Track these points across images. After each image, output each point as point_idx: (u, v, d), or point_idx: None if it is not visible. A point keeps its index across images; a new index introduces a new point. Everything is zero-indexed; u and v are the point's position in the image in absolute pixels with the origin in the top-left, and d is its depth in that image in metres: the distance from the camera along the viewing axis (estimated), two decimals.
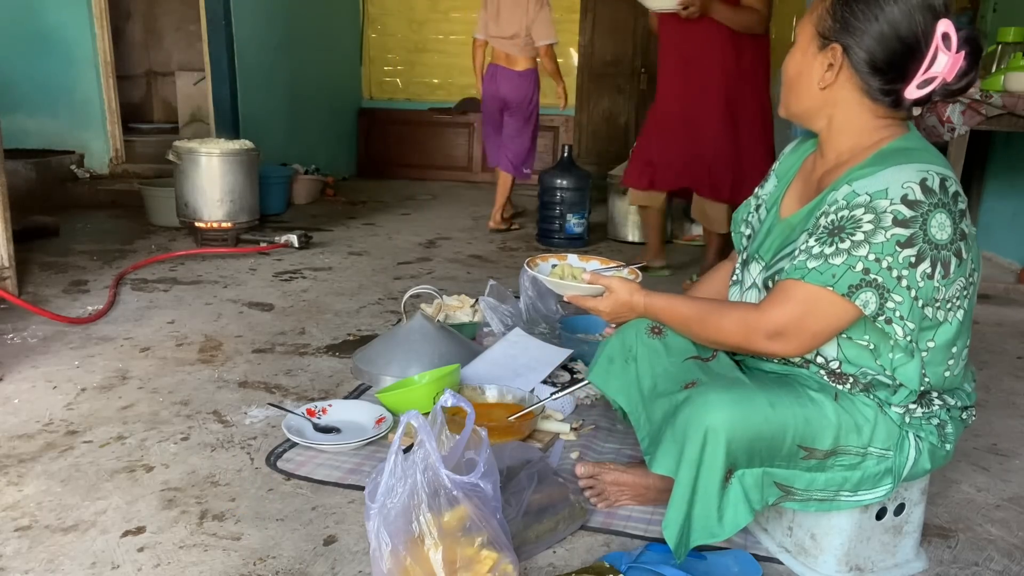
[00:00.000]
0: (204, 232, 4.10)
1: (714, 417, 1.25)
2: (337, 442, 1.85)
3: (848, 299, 1.22)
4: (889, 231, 1.19)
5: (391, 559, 1.20)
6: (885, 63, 1.26)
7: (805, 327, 1.27)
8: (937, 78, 1.24)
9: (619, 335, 1.56)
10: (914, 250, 1.19)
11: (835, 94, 1.32)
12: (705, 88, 3.40)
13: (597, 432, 2.00)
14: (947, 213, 1.20)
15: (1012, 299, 3.43)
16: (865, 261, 1.20)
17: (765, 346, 1.31)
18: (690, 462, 1.27)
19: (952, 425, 1.36)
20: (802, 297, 1.26)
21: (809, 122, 1.39)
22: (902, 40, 1.24)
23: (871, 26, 1.25)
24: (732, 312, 1.36)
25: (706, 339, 1.42)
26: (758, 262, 1.46)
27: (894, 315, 1.22)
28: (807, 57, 1.34)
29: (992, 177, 4.37)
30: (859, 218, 1.21)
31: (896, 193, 1.19)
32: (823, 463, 1.31)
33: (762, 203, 1.56)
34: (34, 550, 1.44)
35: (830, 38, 1.29)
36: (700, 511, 1.28)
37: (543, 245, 4.59)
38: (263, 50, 5.74)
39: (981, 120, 2.95)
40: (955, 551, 1.53)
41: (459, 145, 7.75)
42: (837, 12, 1.28)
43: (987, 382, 2.47)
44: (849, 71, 1.29)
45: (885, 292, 1.21)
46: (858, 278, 1.21)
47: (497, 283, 2.74)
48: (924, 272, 1.20)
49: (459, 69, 7.77)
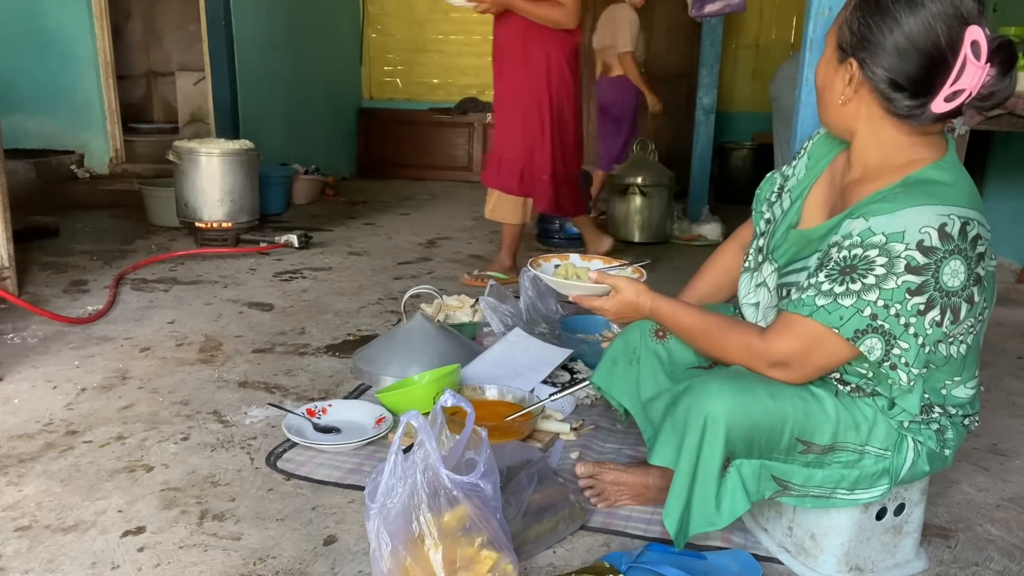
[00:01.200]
0: (204, 232, 4.10)
1: (714, 405, 1.25)
2: (337, 442, 1.85)
3: (853, 343, 1.20)
4: (900, 277, 1.15)
5: (391, 559, 1.20)
6: (906, 79, 1.18)
7: (809, 362, 1.26)
8: (965, 91, 1.15)
9: (623, 336, 1.56)
10: (924, 297, 1.16)
11: (856, 110, 1.26)
12: (509, 83, 3.46)
13: (597, 432, 2.00)
14: (962, 259, 1.16)
15: (1012, 299, 3.43)
16: (874, 307, 1.17)
17: (766, 372, 1.31)
18: (690, 450, 1.28)
19: (953, 431, 1.35)
20: (808, 334, 1.24)
21: (837, 134, 1.35)
22: (923, 53, 1.15)
23: (887, 39, 1.17)
24: (736, 334, 1.35)
25: (707, 354, 1.43)
26: (771, 263, 1.44)
27: (899, 361, 1.21)
28: (829, 69, 1.28)
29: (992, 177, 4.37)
30: (872, 259, 1.17)
31: (912, 238, 1.14)
32: (821, 459, 1.31)
33: (788, 188, 1.48)
34: (34, 550, 1.44)
35: (847, 52, 1.23)
36: (699, 499, 1.29)
37: (543, 245, 4.59)
38: (263, 50, 5.74)
39: (981, 120, 2.95)
40: (955, 551, 1.53)
41: (459, 145, 7.75)
42: (854, 24, 1.21)
43: (987, 382, 2.46)
44: (868, 87, 1.22)
45: (892, 339, 1.19)
46: (865, 323, 1.18)
47: (497, 283, 2.75)
48: (933, 320, 1.18)
49: (459, 69, 7.77)
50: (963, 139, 3.03)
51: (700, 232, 4.82)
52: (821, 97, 1.33)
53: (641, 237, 4.72)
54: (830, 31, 1.29)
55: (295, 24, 6.25)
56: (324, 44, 6.92)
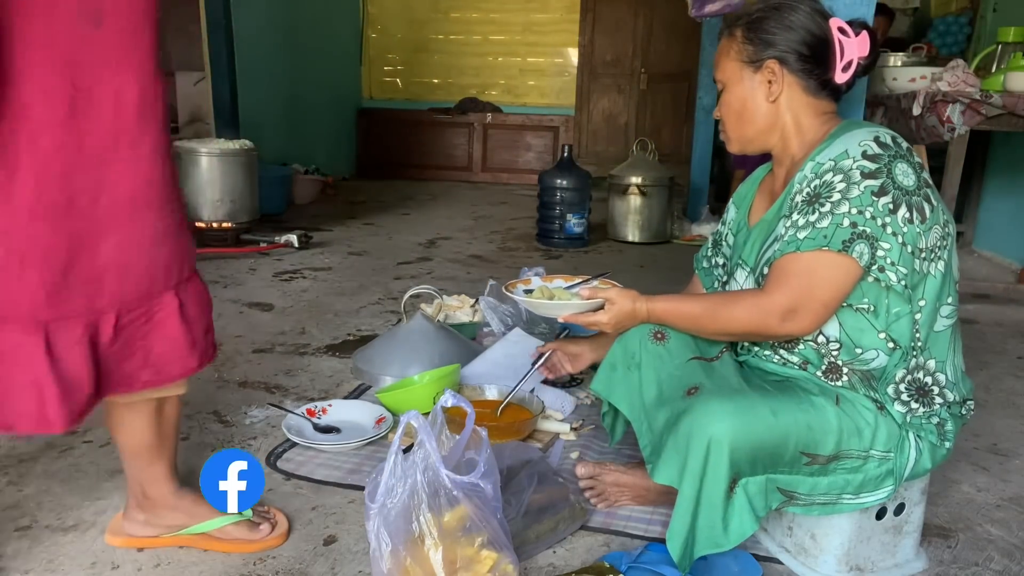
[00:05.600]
0: (204, 232, 4.10)
1: (716, 428, 1.24)
2: (337, 442, 1.85)
3: (845, 253, 1.26)
4: (861, 184, 1.26)
5: (391, 559, 1.20)
6: (812, 58, 1.40)
7: (814, 297, 1.29)
8: (854, 60, 1.40)
9: (621, 341, 1.55)
10: (889, 197, 1.26)
11: (784, 101, 1.43)
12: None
13: (597, 432, 2.00)
14: (907, 162, 1.28)
15: (1012, 299, 3.43)
16: (850, 216, 1.26)
17: (779, 328, 1.32)
18: (693, 474, 1.26)
19: (952, 422, 1.37)
20: (803, 268, 1.28)
21: (765, 142, 1.47)
22: (815, 36, 1.40)
23: (788, 34, 1.40)
24: (741, 300, 1.37)
25: (718, 332, 1.42)
26: (743, 268, 1.49)
27: (885, 262, 1.27)
28: (745, 86, 1.44)
29: (992, 177, 4.37)
30: (830, 181, 1.29)
31: (856, 151, 1.29)
32: (825, 468, 1.31)
33: (726, 232, 1.63)
34: (34, 550, 1.44)
35: (759, 59, 1.42)
36: (704, 522, 1.27)
37: (543, 245, 4.59)
38: (263, 50, 5.74)
39: (981, 120, 2.95)
40: (955, 551, 1.53)
41: (459, 145, 7.75)
42: (754, 37, 1.42)
43: (987, 382, 2.47)
44: (789, 76, 1.41)
45: (874, 241, 1.26)
46: (848, 232, 1.25)
47: (497, 283, 2.74)
48: (904, 217, 1.26)
49: (459, 69, 7.78)
50: (963, 139, 3.03)
51: (700, 232, 4.82)
52: (744, 113, 1.46)
53: (641, 237, 4.72)
54: (722, 68, 1.47)
55: (295, 24, 6.25)
56: (324, 44, 6.92)
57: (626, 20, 7.38)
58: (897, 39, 5.22)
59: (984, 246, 4.40)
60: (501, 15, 7.59)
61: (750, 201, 1.58)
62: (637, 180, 4.65)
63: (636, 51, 7.44)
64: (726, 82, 1.47)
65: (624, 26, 7.41)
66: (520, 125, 7.64)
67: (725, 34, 1.48)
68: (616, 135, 7.61)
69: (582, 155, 7.23)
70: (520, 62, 7.69)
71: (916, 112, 3.04)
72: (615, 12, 7.38)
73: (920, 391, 1.35)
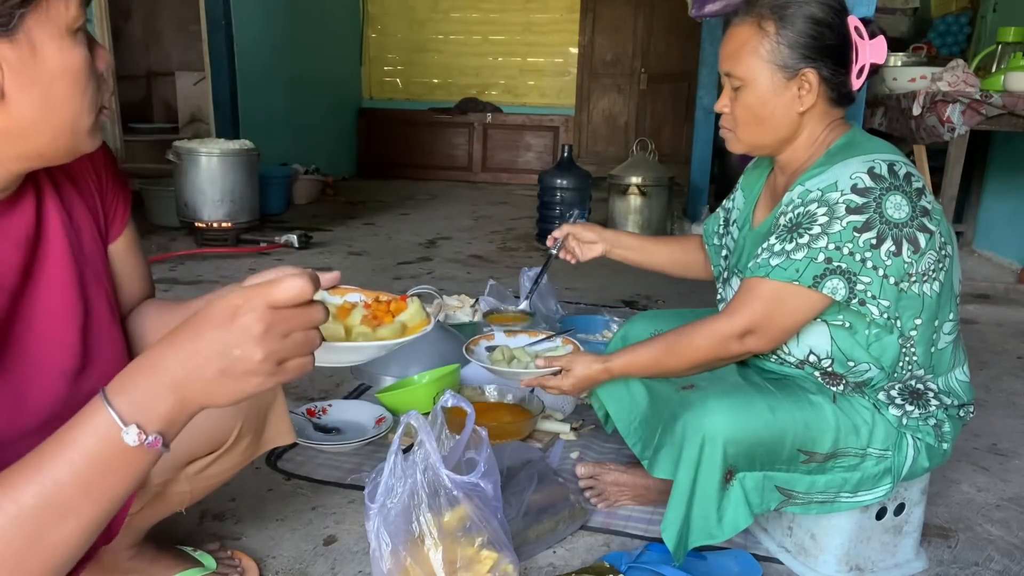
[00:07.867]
0: (204, 232, 4.10)
1: (712, 424, 1.25)
2: (337, 442, 1.85)
3: (815, 289, 1.24)
4: (844, 220, 1.22)
5: (391, 559, 1.20)
6: (842, 67, 1.33)
7: (774, 323, 1.29)
8: (867, 65, 1.33)
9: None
10: (873, 232, 1.22)
11: (810, 112, 1.35)
12: None
13: (597, 432, 2.00)
14: (901, 194, 1.23)
15: (1012, 299, 3.43)
16: (825, 251, 1.23)
17: (739, 347, 1.32)
18: (688, 464, 1.27)
19: (950, 424, 1.36)
20: (768, 295, 1.27)
21: (778, 149, 1.41)
22: (842, 36, 1.32)
23: (822, 38, 1.30)
24: (699, 328, 1.35)
25: (681, 368, 1.41)
26: (739, 276, 1.47)
27: (866, 296, 1.24)
28: (774, 91, 1.33)
29: (992, 177, 4.37)
30: (813, 212, 1.25)
31: (845, 184, 1.23)
32: (823, 466, 1.31)
33: (734, 218, 1.58)
34: None
35: (796, 67, 1.31)
36: (699, 512, 1.28)
37: (543, 245, 4.58)
38: (263, 50, 5.74)
39: (981, 120, 2.95)
40: (955, 551, 1.53)
41: (459, 145, 7.76)
42: (791, 39, 1.30)
43: (987, 382, 2.47)
44: (821, 87, 1.33)
45: (852, 276, 1.23)
46: (821, 268, 1.23)
47: (497, 283, 2.74)
48: (888, 251, 1.22)
49: (459, 69, 7.78)
50: (963, 139, 3.03)
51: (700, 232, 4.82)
52: (764, 122, 1.36)
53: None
54: (743, 64, 1.33)
55: (295, 24, 6.25)
56: (324, 44, 6.92)
57: (626, 20, 7.38)
58: (897, 39, 5.22)
59: (984, 246, 4.40)
60: (501, 15, 7.59)
61: (756, 196, 1.54)
62: (637, 180, 4.65)
63: (636, 51, 7.44)
64: (748, 81, 1.34)
65: (624, 26, 7.41)
66: (520, 125, 7.64)
67: (747, 22, 1.33)
68: (616, 135, 7.61)
69: (582, 155, 7.24)
70: (520, 62, 7.69)
71: (916, 112, 3.04)
72: (615, 12, 7.38)
73: (913, 395, 1.34)
